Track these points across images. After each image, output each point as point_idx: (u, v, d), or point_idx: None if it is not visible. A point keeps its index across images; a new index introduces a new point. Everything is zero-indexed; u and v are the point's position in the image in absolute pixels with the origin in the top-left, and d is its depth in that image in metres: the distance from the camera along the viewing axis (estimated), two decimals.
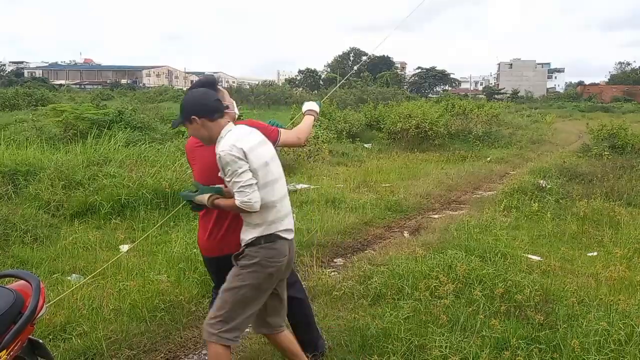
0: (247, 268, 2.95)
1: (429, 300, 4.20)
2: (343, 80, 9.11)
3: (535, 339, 3.65)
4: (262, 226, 2.93)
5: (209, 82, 3.17)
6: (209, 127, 2.92)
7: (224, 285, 3.01)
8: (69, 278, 4.99)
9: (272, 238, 2.95)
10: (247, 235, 2.97)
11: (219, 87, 3.25)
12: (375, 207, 8.27)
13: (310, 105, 3.83)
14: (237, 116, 3.45)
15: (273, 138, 3.31)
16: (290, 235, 3.06)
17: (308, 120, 3.73)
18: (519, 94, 76.69)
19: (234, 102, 3.46)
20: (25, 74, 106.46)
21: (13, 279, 2.61)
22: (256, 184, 2.83)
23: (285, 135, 3.45)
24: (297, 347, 3.26)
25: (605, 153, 12.78)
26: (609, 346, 3.48)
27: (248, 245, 2.96)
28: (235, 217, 3.12)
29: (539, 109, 48.22)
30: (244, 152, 2.82)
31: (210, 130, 2.93)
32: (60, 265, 5.32)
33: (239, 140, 2.86)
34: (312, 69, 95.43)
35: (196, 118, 2.90)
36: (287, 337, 3.24)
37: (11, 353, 2.24)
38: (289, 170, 11.19)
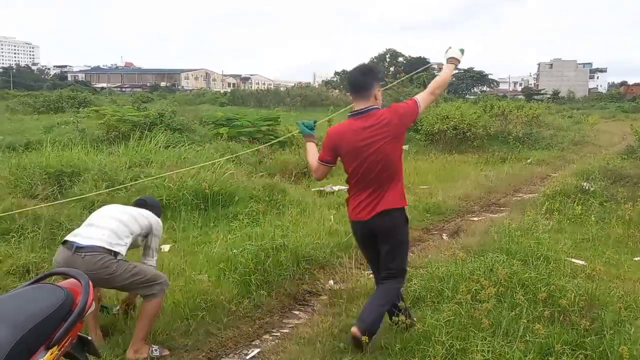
0: None
1: (470, 303, 4.12)
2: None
3: (581, 344, 3.56)
4: None
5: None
6: None
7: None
8: None
9: None
10: None
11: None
12: (414, 209, 8.20)
13: (453, 53, 3.88)
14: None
15: (416, 113, 3.69)
16: None
17: (447, 70, 3.88)
18: (559, 95, 75.08)
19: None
20: (69, 78, 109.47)
21: (63, 276, 2.67)
22: None
23: (423, 102, 3.73)
24: None
25: None
26: None
27: None
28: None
29: (581, 109, 47.08)
30: None
31: None
32: None
33: None
34: (348, 70, 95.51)
35: None
36: None
37: (62, 349, 2.29)
38: None
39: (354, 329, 3.64)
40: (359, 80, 3.69)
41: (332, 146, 3.76)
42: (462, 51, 3.89)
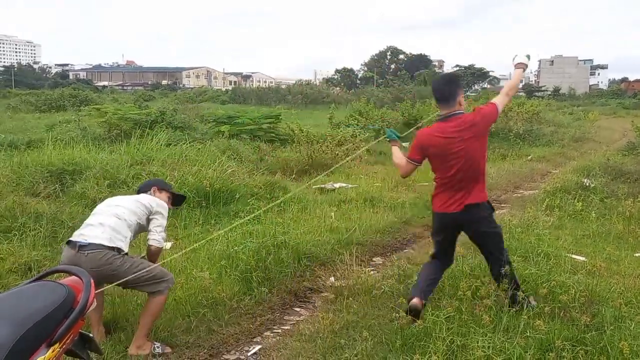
0: None
1: (471, 300, 4.14)
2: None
3: (581, 340, 3.57)
4: None
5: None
6: None
7: None
8: None
9: None
10: None
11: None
12: (414, 206, 8.22)
13: (520, 59, 4.28)
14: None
15: (496, 115, 4.06)
16: None
17: (516, 74, 4.30)
18: (560, 91, 74.92)
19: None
20: (70, 76, 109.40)
21: (64, 274, 2.68)
22: None
23: (501, 104, 4.11)
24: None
25: None
26: None
27: None
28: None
29: (582, 106, 46.94)
30: None
31: None
32: None
33: None
34: (349, 68, 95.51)
35: None
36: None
37: (63, 346, 2.30)
38: (327, 168, 11.19)
39: None
40: (444, 90, 4.08)
41: (420, 147, 4.12)
42: (528, 57, 4.30)
